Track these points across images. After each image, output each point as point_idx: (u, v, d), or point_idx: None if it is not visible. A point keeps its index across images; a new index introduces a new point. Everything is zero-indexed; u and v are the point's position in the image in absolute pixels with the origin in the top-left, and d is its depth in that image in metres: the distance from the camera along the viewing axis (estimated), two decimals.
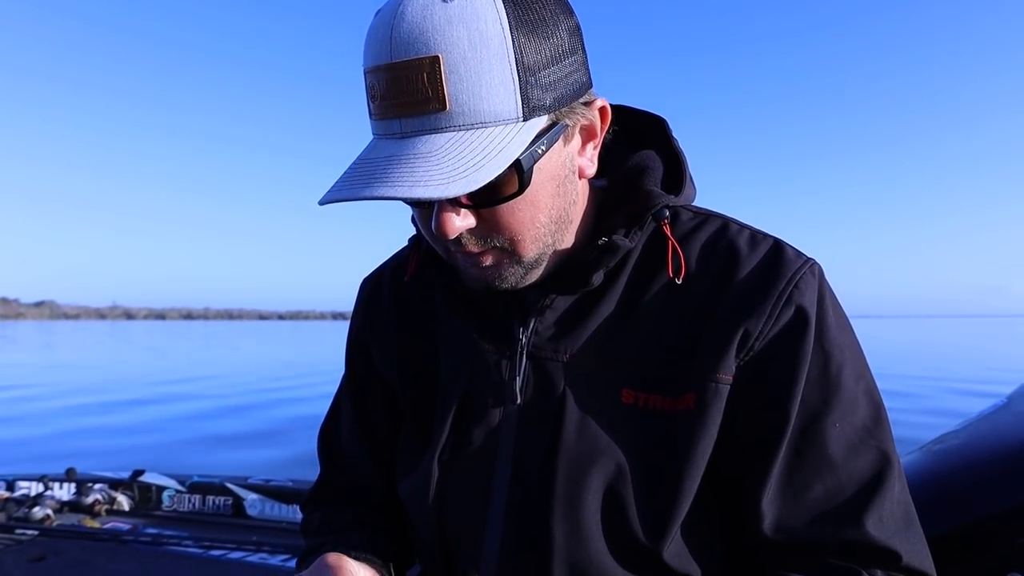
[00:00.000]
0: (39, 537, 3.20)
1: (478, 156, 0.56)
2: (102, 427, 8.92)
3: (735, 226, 0.74)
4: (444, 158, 0.56)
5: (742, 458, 0.69)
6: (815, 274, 0.70)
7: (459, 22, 0.55)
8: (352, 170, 0.59)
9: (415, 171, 0.55)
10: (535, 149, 0.60)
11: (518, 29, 0.57)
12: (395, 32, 0.56)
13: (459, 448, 0.74)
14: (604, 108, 0.67)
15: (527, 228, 0.64)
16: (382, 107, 0.59)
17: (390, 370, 0.83)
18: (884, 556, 0.66)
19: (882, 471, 0.67)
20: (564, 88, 0.61)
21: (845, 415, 0.67)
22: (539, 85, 0.58)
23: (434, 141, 0.57)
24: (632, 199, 0.72)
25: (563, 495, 0.68)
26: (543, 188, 0.63)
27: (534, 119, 0.59)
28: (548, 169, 0.63)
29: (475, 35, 0.55)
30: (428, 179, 0.55)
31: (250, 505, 3.60)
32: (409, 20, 0.56)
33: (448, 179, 0.55)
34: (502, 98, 0.57)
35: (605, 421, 0.69)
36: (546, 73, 0.59)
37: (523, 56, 0.57)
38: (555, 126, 0.61)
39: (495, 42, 0.56)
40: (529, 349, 0.72)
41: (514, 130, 0.58)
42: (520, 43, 0.57)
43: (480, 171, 0.56)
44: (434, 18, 0.55)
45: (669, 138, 0.77)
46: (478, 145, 0.57)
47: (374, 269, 0.91)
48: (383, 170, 0.56)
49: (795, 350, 0.67)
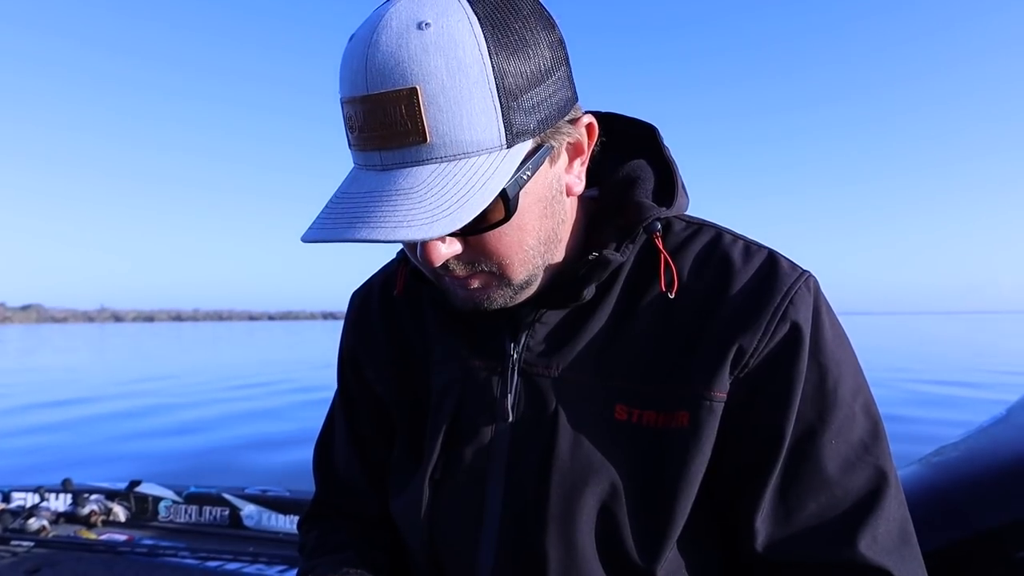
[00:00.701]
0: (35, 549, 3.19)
1: (461, 191, 0.55)
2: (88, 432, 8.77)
3: (729, 237, 0.73)
4: (427, 195, 0.54)
5: (737, 476, 0.68)
6: (810, 288, 0.69)
7: (436, 50, 0.54)
8: (334, 205, 0.58)
9: (397, 210, 0.54)
10: (520, 175, 0.58)
11: (498, 53, 0.55)
12: (370, 62, 0.55)
13: (451, 467, 0.73)
14: (591, 125, 0.66)
15: (515, 252, 0.63)
16: (361, 139, 0.57)
17: (381, 386, 0.83)
18: (876, 575, 0.65)
19: (878, 489, 0.66)
20: (548, 109, 0.59)
21: (841, 432, 0.66)
22: (522, 109, 0.57)
23: (416, 175, 0.55)
24: (623, 212, 0.71)
25: (557, 514, 0.68)
26: (530, 211, 0.62)
27: (518, 144, 0.58)
28: (535, 192, 0.62)
29: (453, 63, 0.54)
30: (411, 219, 0.54)
31: (247, 516, 3.59)
32: (384, 50, 0.54)
33: (432, 218, 0.54)
34: (484, 127, 0.55)
35: (598, 438, 0.69)
36: (529, 96, 0.57)
37: (504, 81, 0.55)
38: (540, 148, 0.60)
39: (474, 69, 0.54)
40: (520, 365, 0.71)
41: (498, 158, 0.57)
42: (500, 68, 0.55)
43: (463, 208, 0.54)
44: (410, 47, 0.54)
45: (660, 147, 0.76)
46: (461, 178, 0.55)
47: (364, 282, 0.90)
48: (365, 208, 0.55)
49: (790, 367, 0.66)
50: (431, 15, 0.55)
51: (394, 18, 0.55)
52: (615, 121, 0.78)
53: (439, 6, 0.55)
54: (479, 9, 0.55)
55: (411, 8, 0.56)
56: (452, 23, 0.54)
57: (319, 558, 0.80)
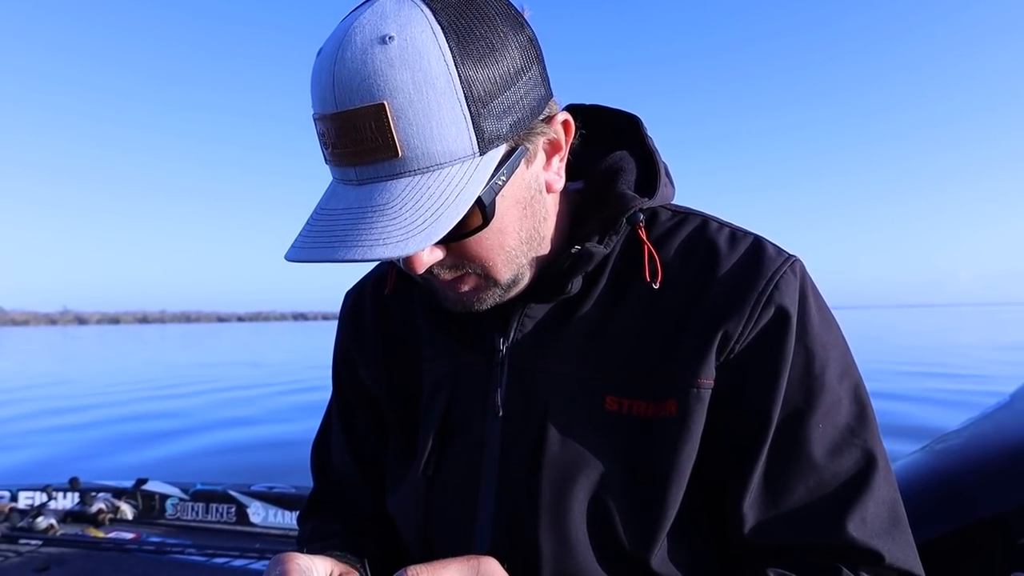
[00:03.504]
0: (43, 547, 3.21)
1: (436, 203, 0.55)
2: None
3: (714, 224, 0.73)
4: (401, 210, 0.55)
5: (725, 462, 0.68)
6: (796, 272, 0.69)
7: (401, 64, 0.53)
8: (314, 223, 0.58)
9: (373, 227, 0.54)
10: (495, 181, 0.58)
11: (463, 62, 0.55)
12: (337, 79, 0.55)
13: (443, 461, 0.74)
14: (567, 122, 0.65)
15: (497, 255, 0.63)
16: (335, 155, 0.57)
17: (374, 383, 0.83)
18: (866, 557, 0.65)
19: (866, 471, 0.66)
20: (520, 111, 0.59)
21: (828, 415, 0.66)
22: (493, 115, 0.56)
23: (390, 190, 0.56)
24: (606, 203, 0.71)
25: (549, 505, 0.68)
26: (508, 214, 0.62)
27: (492, 151, 0.58)
28: (512, 195, 0.62)
29: (419, 76, 0.53)
30: (386, 236, 0.54)
31: (253, 512, 3.60)
32: (349, 66, 0.54)
33: (406, 234, 0.54)
34: (455, 137, 0.55)
35: (589, 429, 0.69)
36: (499, 101, 0.57)
37: (472, 89, 0.55)
38: (515, 151, 0.60)
39: (441, 81, 0.54)
40: (510, 359, 0.72)
41: (471, 167, 0.56)
42: (467, 76, 0.55)
43: (438, 221, 0.55)
44: (375, 62, 0.54)
45: (644, 137, 0.76)
46: (435, 190, 0.55)
47: (357, 281, 0.91)
48: (343, 227, 0.56)
49: (776, 351, 0.66)
50: (394, 28, 0.54)
51: (358, 33, 0.55)
52: (598, 113, 0.78)
53: (402, 18, 0.55)
54: (443, 19, 0.55)
55: (374, 22, 0.55)
56: (416, 35, 0.54)
57: (310, 545, 0.80)
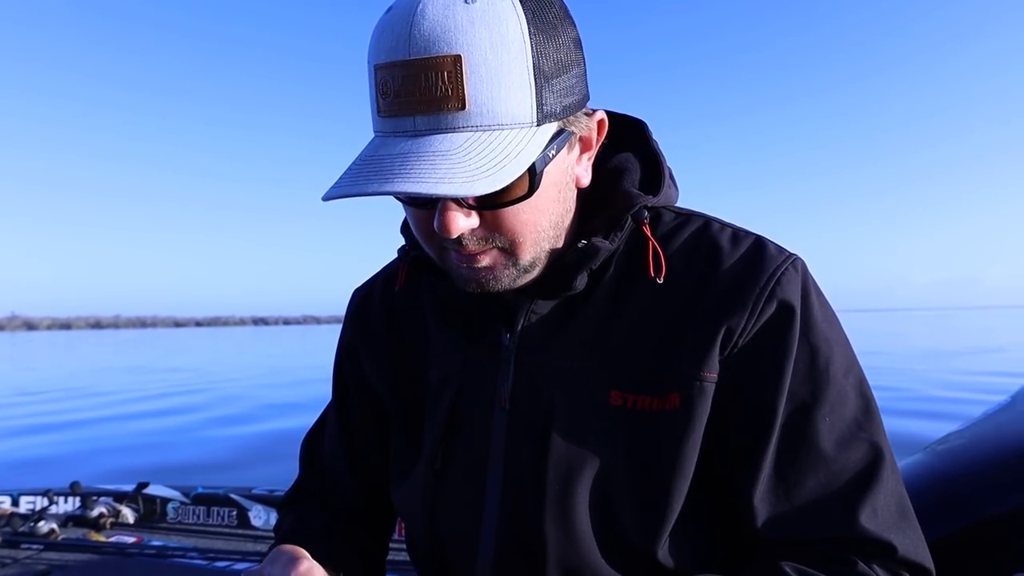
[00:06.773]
0: (44, 552, 3.20)
1: (498, 157, 0.56)
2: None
3: (717, 224, 0.74)
4: (464, 157, 0.55)
5: (732, 456, 0.69)
6: (798, 269, 0.70)
7: (481, 23, 0.56)
8: (361, 166, 0.58)
9: (436, 168, 0.55)
10: (547, 153, 0.60)
11: (536, 35, 0.58)
12: (415, 29, 0.56)
13: (450, 455, 0.75)
14: (602, 121, 0.68)
15: (529, 231, 0.64)
16: (395, 104, 0.58)
17: (379, 378, 0.84)
18: (879, 549, 0.65)
19: (874, 464, 0.67)
20: (572, 97, 0.62)
21: (835, 409, 0.67)
22: (553, 92, 0.59)
23: (452, 140, 0.56)
24: (611, 201, 0.72)
25: (554, 499, 0.68)
26: (547, 193, 0.64)
27: (546, 125, 0.60)
28: (553, 175, 0.64)
29: (496, 37, 0.56)
30: (452, 176, 0.54)
31: (255, 516, 3.59)
32: (431, 18, 0.56)
33: (472, 177, 0.55)
34: (519, 101, 0.57)
35: (594, 423, 0.69)
36: (559, 80, 0.60)
37: (540, 61, 0.58)
38: (562, 133, 0.62)
39: (515, 46, 0.56)
40: (516, 355, 0.72)
41: (529, 134, 0.58)
42: (538, 48, 0.58)
43: (502, 171, 0.56)
44: (456, 17, 0.56)
45: (648, 140, 0.77)
46: (497, 146, 0.57)
47: (366, 280, 0.92)
48: (400, 166, 0.55)
49: (779, 345, 0.67)
50: None
51: None
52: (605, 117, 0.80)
53: None
54: None
55: None
56: (497, 0, 0.57)
57: (290, 542, 0.80)
